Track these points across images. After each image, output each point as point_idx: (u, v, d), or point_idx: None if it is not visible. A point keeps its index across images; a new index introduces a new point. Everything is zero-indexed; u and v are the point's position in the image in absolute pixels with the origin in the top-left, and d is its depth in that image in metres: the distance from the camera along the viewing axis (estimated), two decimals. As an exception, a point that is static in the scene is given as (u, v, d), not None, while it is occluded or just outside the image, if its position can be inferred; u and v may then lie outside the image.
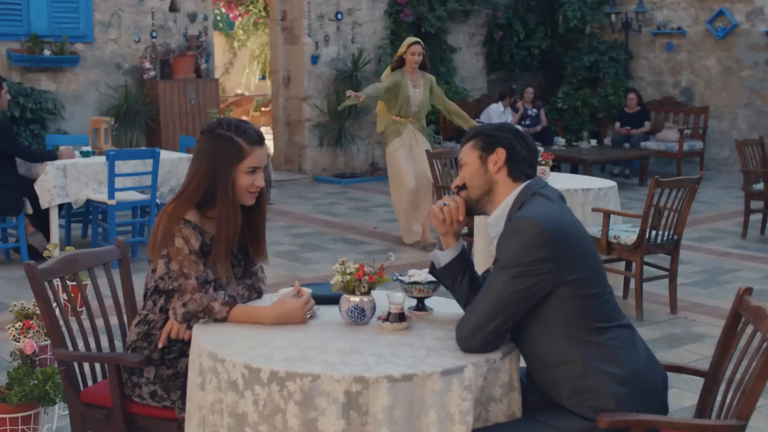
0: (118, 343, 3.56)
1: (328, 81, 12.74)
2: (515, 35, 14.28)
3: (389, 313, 2.90)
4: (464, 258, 2.98)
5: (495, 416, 2.67)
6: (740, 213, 9.48)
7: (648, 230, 6.02)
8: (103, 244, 7.69)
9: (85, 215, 8.45)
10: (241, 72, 19.43)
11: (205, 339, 2.79)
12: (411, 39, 8.16)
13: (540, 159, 6.61)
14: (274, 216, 10.04)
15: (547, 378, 2.70)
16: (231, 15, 15.48)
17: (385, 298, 2.95)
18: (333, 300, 3.08)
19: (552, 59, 15.00)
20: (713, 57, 13.83)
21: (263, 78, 19.87)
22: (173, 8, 11.17)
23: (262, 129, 14.01)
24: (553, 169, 13.27)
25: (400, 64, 8.19)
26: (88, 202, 7.69)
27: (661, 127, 13.75)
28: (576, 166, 12.73)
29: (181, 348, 3.09)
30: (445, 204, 2.90)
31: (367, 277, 2.90)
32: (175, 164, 8.00)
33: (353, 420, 2.47)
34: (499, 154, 2.85)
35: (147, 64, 10.80)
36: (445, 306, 3.17)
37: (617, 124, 13.65)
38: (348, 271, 2.91)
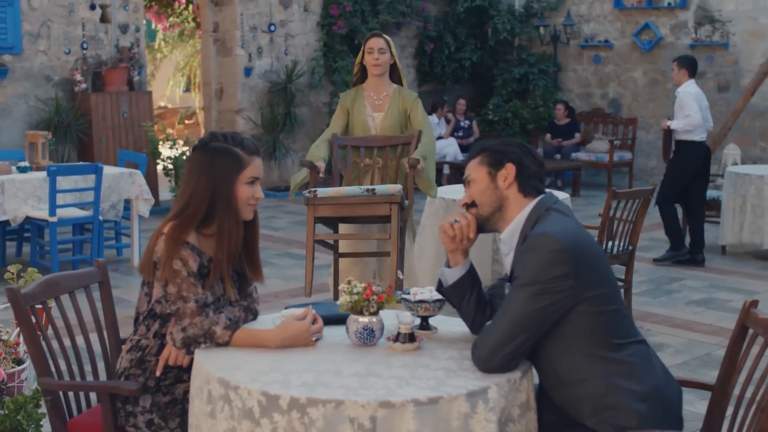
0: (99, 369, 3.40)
1: (261, 93, 12.59)
2: (446, 47, 14.35)
3: (399, 334, 2.83)
4: (472, 275, 2.93)
5: (513, 437, 2.62)
6: (676, 222, 9.65)
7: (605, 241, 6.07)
8: (43, 263, 7.42)
9: (19, 233, 8.15)
10: (165, 84, 19.08)
11: (211, 365, 2.67)
12: (369, 34, 5.68)
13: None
14: (213, 231, 9.85)
15: (566, 396, 2.66)
16: (161, 26, 15.17)
17: (393, 318, 2.88)
18: (333, 320, 3.00)
19: (482, 71, 15.11)
20: (640, 69, 14.11)
21: (187, 90, 19.55)
22: (104, 19, 10.89)
23: (187, 141, 13.76)
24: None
25: (362, 77, 5.69)
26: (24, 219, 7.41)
27: (591, 138, 13.97)
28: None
29: (176, 374, 2.96)
30: (455, 220, 2.84)
31: (375, 297, 2.82)
32: (116, 179, 7.77)
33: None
34: (509, 170, 2.80)
35: (78, 76, 10.50)
36: (447, 324, 3.11)
37: (548, 136, 13.82)
38: (355, 290, 2.83)
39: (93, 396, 3.20)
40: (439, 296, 2.94)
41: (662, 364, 2.77)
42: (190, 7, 13.78)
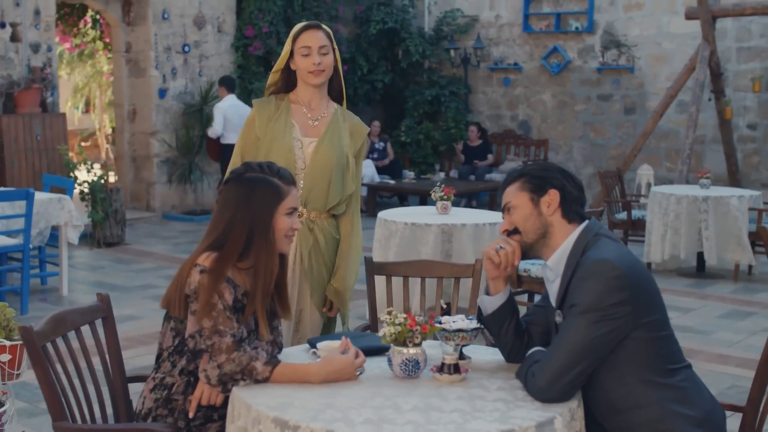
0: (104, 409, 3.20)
1: (176, 115, 12.31)
2: (359, 69, 14.36)
3: (443, 364, 2.76)
4: (512, 303, 2.89)
5: (569, 467, 2.58)
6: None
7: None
8: (-32, 294, 7.03)
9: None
10: (63, 105, 18.47)
11: (260, 403, 2.53)
12: (299, 26, 3.77)
13: (442, 193, 6.60)
14: (136, 257, 9.57)
15: (621, 424, 2.64)
16: (66, 46, 14.68)
17: (436, 348, 2.81)
18: (368, 352, 2.91)
19: (394, 93, 15.18)
20: (548, 92, 14.42)
21: (86, 112, 19.00)
22: (15, 38, 10.45)
23: (93, 164, 13.31)
24: (401, 202, 13.52)
25: (287, 84, 3.87)
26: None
27: (503, 160, 14.18)
28: (425, 199, 12.89)
29: (206, 413, 2.82)
30: (501, 247, 2.79)
31: (419, 327, 2.74)
32: (44, 205, 7.43)
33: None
34: (552, 196, 2.77)
35: (-12, 98, 10.05)
36: (474, 352, 3.06)
37: (462, 156, 13.96)
38: (397, 321, 2.75)
39: (105, 439, 3.02)
40: (476, 325, 2.88)
41: (707, 388, 2.78)
42: (97, 26, 13.38)
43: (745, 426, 2.96)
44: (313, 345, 3.06)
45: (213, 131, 11.30)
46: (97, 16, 13.15)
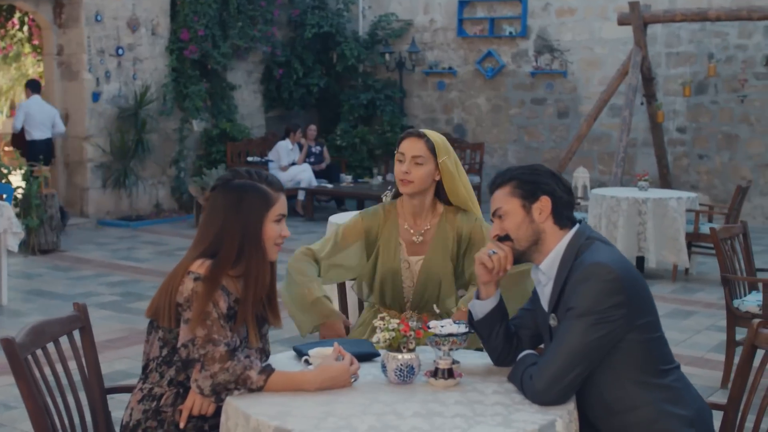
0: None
1: (110, 119, 12.08)
2: (294, 73, 14.29)
3: (437, 369, 2.76)
4: (501, 308, 2.90)
5: (566, 469, 2.60)
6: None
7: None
8: None
9: None
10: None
11: (258, 413, 2.49)
12: (405, 132, 3.70)
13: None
14: (73, 264, 9.37)
15: (616, 425, 2.67)
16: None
17: (424, 353, 2.81)
18: (359, 358, 2.89)
19: (328, 97, 15.15)
20: (483, 96, 14.56)
21: (10, 116, 18.53)
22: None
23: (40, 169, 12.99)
24: (339, 206, 13.49)
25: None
26: None
27: (439, 163, 14.25)
28: (362, 202, 12.90)
29: (196, 424, 2.76)
30: (493, 252, 2.80)
31: (413, 333, 2.74)
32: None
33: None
34: (544, 203, 2.78)
35: None
36: (463, 356, 3.06)
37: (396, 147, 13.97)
38: (391, 327, 2.74)
39: (87, 452, 2.94)
40: (465, 329, 2.88)
41: (695, 388, 2.83)
42: (25, 28, 13.04)
43: (727, 424, 3.01)
44: (299, 352, 3.03)
45: (14, 127, 11.67)
46: (26, 18, 12.83)
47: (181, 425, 2.72)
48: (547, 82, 13.96)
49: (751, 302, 5.48)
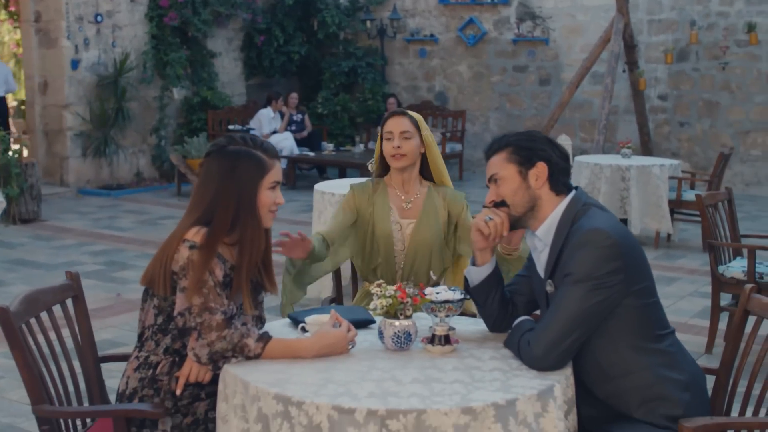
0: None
1: (89, 87, 11.95)
2: (275, 40, 14.17)
3: (434, 336, 2.76)
4: (497, 274, 2.91)
5: (563, 434, 2.62)
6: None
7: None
8: None
9: None
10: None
11: (258, 380, 2.49)
12: (387, 113, 3.98)
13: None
14: (55, 234, 9.30)
15: (611, 390, 2.69)
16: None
17: (422, 320, 2.81)
18: (355, 325, 2.88)
19: (309, 65, 15.05)
20: (465, 63, 14.51)
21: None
22: None
23: (18, 138, 12.90)
24: (321, 174, 13.45)
25: (384, 168, 4.02)
26: None
27: (421, 131, 14.21)
28: (344, 171, 12.87)
29: (192, 392, 2.76)
30: (489, 218, 2.80)
31: (410, 300, 2.74)
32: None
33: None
34: (540, 169, 2.78)
35: None
36: (457, 323, 3.06)
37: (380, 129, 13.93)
38: (387, 293, 2.73)
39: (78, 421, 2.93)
40: (461, 296, 2.88)
41: (689, 353, 2.86)
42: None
43: (719, 388, 3.04)
44: (294, 319, 3.02)
45: None
46: (2, -16, 12.66)
47: (178, 393, 2.71)
48: (528, 49, 13.93)
49: (735, 268, 5.52)
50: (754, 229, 8.89)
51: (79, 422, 2.92)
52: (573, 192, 2.81)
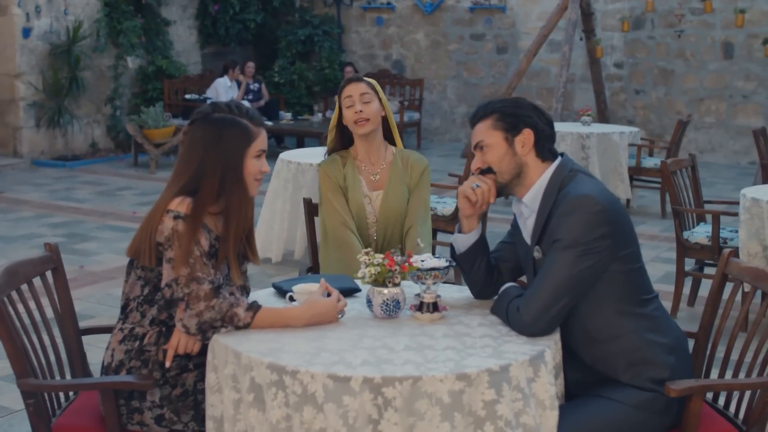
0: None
1: (42, 56, 11.69)
2: (230, 8, 13.99)
3: (422, 303, 2.77)
4: (483, 241, 2.92)
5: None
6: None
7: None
8: None
9: None
10: None
11: (249, 350, 2.48)
12: (343, 81, 3.90)
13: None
14: (11, 206, 9.14)
15: (598, 354, 2.72)
16: None
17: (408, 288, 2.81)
18: (343, 293, 2.87)
19: (265, 33, 14.89)
20: (422, 31, 14.47)
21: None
22: None
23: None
24: (279, 144, 13.36)
25: (342, 141, 3.99)
26: None
27: (379, 100, 14.17)
28: (302, 140, 12.82)
29: (180, 363, 2.73)
30: (476, 186, 2.80)
31: (398, 267, 2.74)
32: None
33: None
34: (527, 136, 2.78)
35: None
36: (441, 290, 3.07)
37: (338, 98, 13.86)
38: (376, 262, 2.73)
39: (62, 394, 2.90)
40: (447, 263, 2.89)
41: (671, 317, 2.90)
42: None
43: (698, 351, 3.09)
44: (279, 289, 3.01)
45: None
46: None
47: (167, 364, 2.69)
48: (486, 17, 13.92)
49: (700, 233, 5.60)
50: (709, 195, 8.97)
51: (62, 396, 2.88)
52: (559, 158, 2.82)
